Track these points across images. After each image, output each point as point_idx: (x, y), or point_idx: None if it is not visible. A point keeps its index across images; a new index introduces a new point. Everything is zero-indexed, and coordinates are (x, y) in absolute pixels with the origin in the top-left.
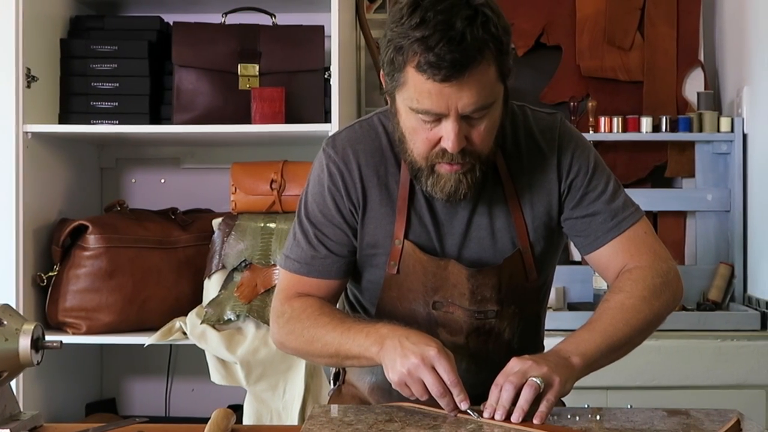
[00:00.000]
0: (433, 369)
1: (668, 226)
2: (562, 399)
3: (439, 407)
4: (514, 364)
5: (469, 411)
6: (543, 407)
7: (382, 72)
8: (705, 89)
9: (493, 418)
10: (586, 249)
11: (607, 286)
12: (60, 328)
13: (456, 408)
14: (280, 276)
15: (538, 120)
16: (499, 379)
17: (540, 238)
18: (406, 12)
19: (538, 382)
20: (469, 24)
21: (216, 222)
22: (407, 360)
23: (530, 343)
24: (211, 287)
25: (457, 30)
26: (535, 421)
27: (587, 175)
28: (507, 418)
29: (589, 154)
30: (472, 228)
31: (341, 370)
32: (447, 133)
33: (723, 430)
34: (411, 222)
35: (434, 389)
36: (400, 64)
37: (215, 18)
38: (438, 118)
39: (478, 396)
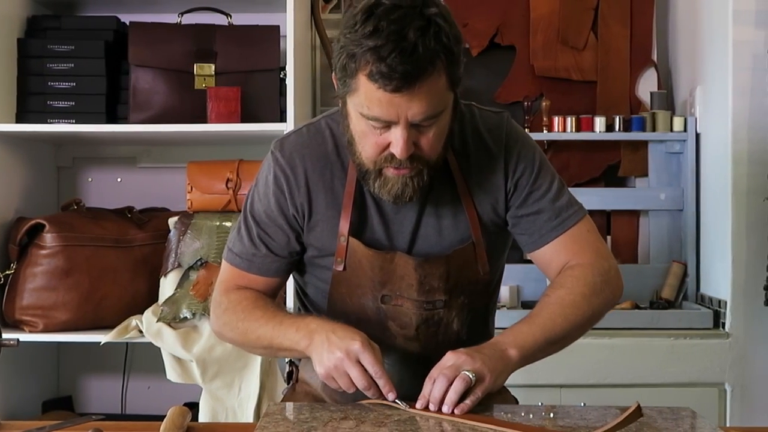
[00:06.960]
0: (358, 362)
1: (621, 226)
2: (515, 397)
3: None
4: (449, 358)
5: (397, 402)
6: (468, 400)
7: (334, 75)
8: (658, 89)
9: (426, 409)
10: (531, 247)
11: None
12: (17, 326)
13: (383, 399)
14: (222, 267)
15: (486, 119)
16: (434, 372)
17: (488, 233)
18: (359, 19)
19: (470, 376)
20: (421, 35)
21: (172, 221)
22: (333, 355)
23: (479, 335)
24: (167, 285)
25: (409, 41)
26: (457, 412)
27: (532, 174)
28: (439, 410)
29: (534, 153)
30: (421, 227)
31: (294, 369)
32: (396, 140)
33: (622, 417)
34: (359, 221)
35: (359, 382)
36: (353, 71)
37: (171, 18)
38: (387, 124)
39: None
